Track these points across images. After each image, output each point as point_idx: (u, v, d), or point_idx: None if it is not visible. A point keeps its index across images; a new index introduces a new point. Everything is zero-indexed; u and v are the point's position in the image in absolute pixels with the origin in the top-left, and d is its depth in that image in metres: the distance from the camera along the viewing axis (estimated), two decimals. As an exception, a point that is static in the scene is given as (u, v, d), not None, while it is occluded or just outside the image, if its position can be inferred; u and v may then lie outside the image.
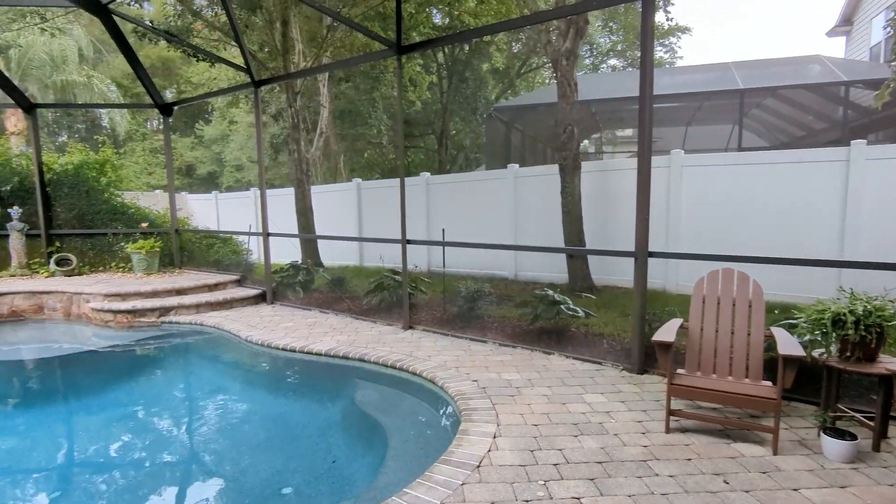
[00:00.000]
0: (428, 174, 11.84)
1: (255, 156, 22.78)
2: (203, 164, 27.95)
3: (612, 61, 25.14)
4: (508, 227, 10.34)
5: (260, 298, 8.17)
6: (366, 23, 10.88)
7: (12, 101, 8.93)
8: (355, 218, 13.07)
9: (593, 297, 7.66)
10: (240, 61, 8.24)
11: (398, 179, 6.27)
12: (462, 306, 6.64)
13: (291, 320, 7.06)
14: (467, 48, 17.62)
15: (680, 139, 16.21)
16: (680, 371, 3.82)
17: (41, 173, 9.02)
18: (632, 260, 4.78)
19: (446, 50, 17.83)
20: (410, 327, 6.47)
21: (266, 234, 7.95)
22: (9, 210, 8.71)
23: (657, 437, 3.51)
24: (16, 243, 8.76)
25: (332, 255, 12.23)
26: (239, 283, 8.65)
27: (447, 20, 14.19)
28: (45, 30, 11.85)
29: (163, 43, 10.48)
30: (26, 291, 7.65)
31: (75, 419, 4.98)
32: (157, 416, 4.93)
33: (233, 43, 10.87)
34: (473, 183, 11.64)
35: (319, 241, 10.99)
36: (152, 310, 7.22)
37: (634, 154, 18.38)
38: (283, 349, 5.84)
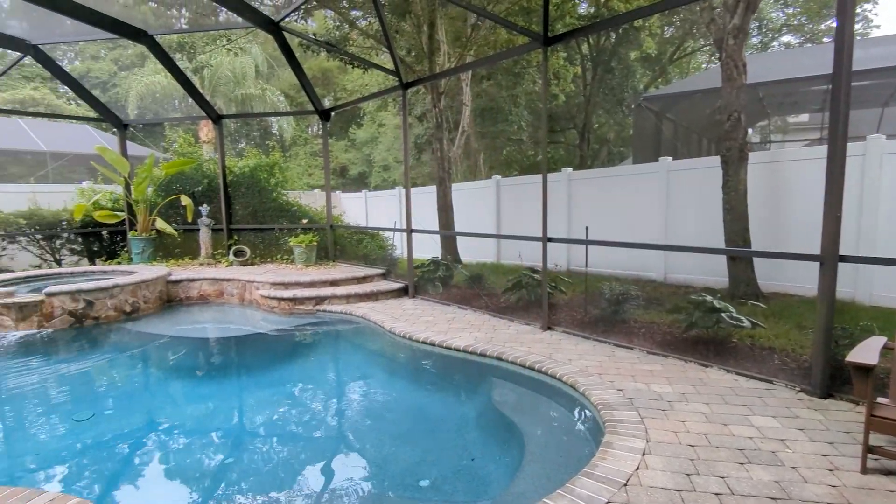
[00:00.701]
0: (570, 169, 11.44)
1: (401, 156, 24.04)
2: (355, 165, 30.18)
3: (786, 38, 22.13)
4: (658, 225, 9.58)
5: (402, 292, 8.53)
6: (509, 18, 10.81)
7: (204, 114, 10.39)
8: (493, 215, 13.11)
9: (761, 305, 6.75)
10: (390, 66, 8.68)
11: (537, 176, 6.10)
12: (605, 308, 6.26)
13: (431, 314, 7.25)
14: (614, 37, 16.72)
15: (872, 123, 13.71)
16: (882, 400, 3.16)
17: (224, 176, 10.37)
18: (810, 265, 4.09)
19: (591, 40, 17.10)
20: (549, 328, 6.26)
21: (409, 231, 8.27)
22: (199, 208, 10.15)
23: (850, 478, 2.93)
24: (204, 236, 10.19)
25: (471, 252, 12.40)
26: (384, 276, 9.12)
27: (592, 9, 13.57)
28: (230, 50, 13.63)
29: (323, 54, 11.47)
30: (211, 278, 8.85)
31: (244, 392, 5.61)
32: (311, 396, 5.35)
33: (384, 49, 11.52)
34: (619, 178, 10.99)
35: (458, 238, 11.20)
36: (310, 298, 7.90)
37: (810, 142, 15.91)
38: (424, 342, 6.00)
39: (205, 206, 10.17)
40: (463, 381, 5.48)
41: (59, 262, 10.70)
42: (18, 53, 8.82)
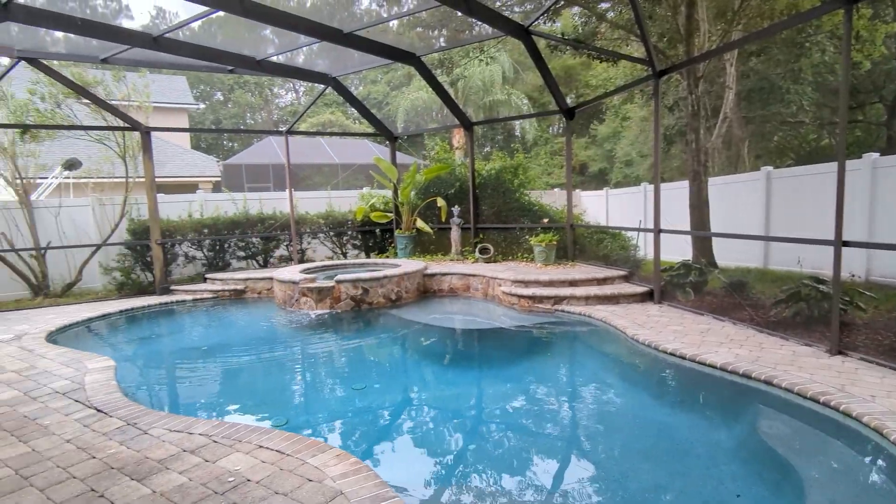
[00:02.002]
0: (875, 155, 9.10)
1: (645, 151, 22.51)
2: (595, 162, 29.44)
3: None
4: None
5: (646, 296, 7.95)
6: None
7: (458, 123, 11.34)
8: (761, 212, 11.25)
9: None
10: (639, 56, 8.13)
11: (822, 165, 4.96)
12: (931, 336, 4.78)
13: (681, 323, 6.57)
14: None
15: None
16: None
17: (473, 179, 11.17)
18: None
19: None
20: (840, 352, 5.06)
21: (657, 231, 7.64)
22: (451, 209, 11.13)
23: None
24: (454, 235, 11.15)
25: (729, 255, 10.88)
26: (626, 279, 8.64)
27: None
28: (482, 59, 14.61)
29: (567, 53, 11.44)
30: (459, 273, 9.62)
31: (484, 382, 5.92)
32: (546, 395, 5.36)
33: (633, 39, 10.91)
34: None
35: (714, 239, 9.93)
36: (548, 297, 7.95)
37: None
38: (671, 354, 5.47)
39: (456, 206, 11.12)
40: (717, 403, 4.82)
41: (344, 255, 12.98)
42: (323, 85, 10.95)
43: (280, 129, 12.56)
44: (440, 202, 11.02)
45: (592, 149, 29.75)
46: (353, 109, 40.94)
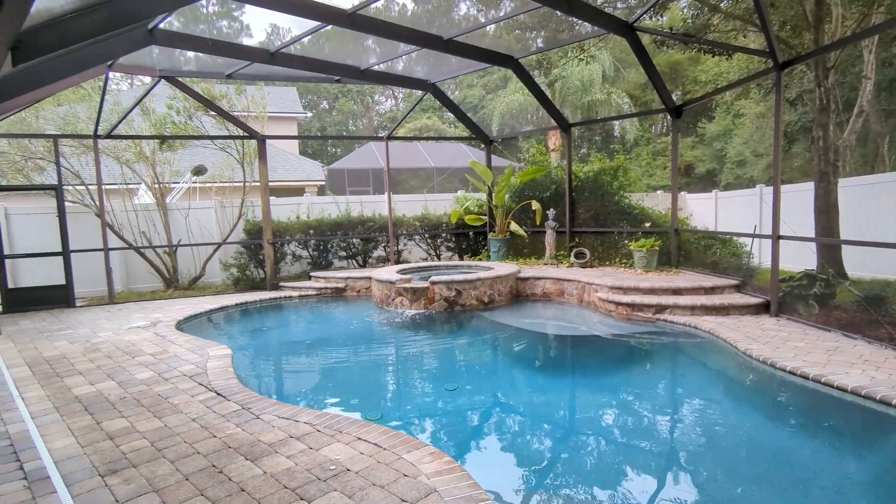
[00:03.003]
0: None
1: (761, 150, 20.67)
2: (702, 163, 27.58)
3: None
4: None
5: (761, 308, 7.29)
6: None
7: (556, 124, 11.14)
8: (903, 218, 9.89)
9: None
10: (758, 47, 7.49)
11: None
12: None
13: (802, 339, 5.95)
14: None
15: None
16: None
17: (570, 181, 10.90)
18: None
19: None
20: None
21: (776, 237, 6.99)
22: (546, 212, 10.95)
23: None
24: (549, 238, 10.95)
25: (863, 265, 9.69)
26: (737, 288, 7.99)
27: None
28: (583, 59, 14.23)
29: (671, 49, 10.80)
30: (554, 278, 9.43)
31: (576, 390, 5.74)
32: (645, 408, 5.08)
33: (751, 29, 10.08)
34: None
35: (844, 248, 8.90)
36: (649, 306, 7.56)
37: None
38: (791, 373, 4.97)
39: (551, 209, 10.92)
40: (847, 430, 4.32)
41: (438, 257, 13.22)
42: (422, 91, 11.25)
43: (380, 135, 13.06)
44: (535, 205, 10.87)
45: (699, 149, 27.91)
46: (449, 114, 41.69)
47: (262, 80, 11.52)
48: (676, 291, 7.84)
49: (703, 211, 16.65)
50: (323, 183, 21.32)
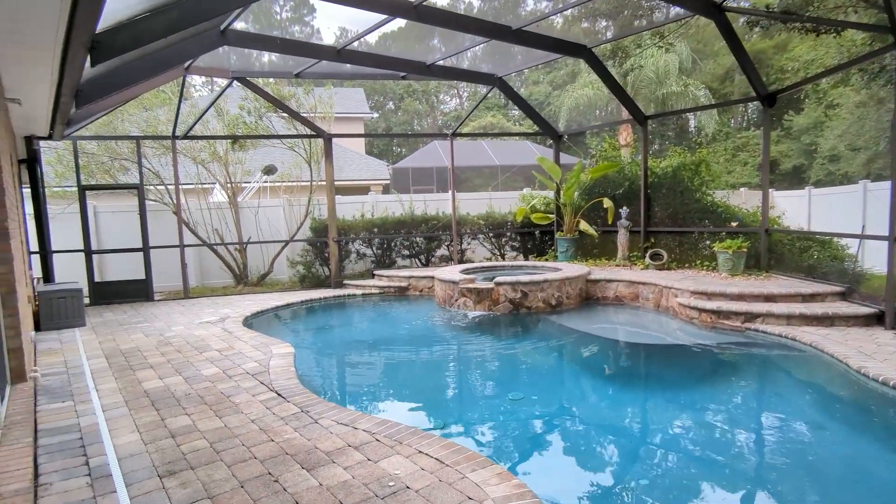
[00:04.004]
0: None
1: (858, 143, 18.73)
2: (788, 158, 25.49)
3: None
4: None
5: (873, 320, 6.42)
6: None
7: (630, 117, 10.47)
8: None
9: None
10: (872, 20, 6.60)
11: None
12: None
13: (929, 358, 5.13)
14: None
15: None
16: None
17: (646, 177, 10.21)
18: None
19: None
20: None
21: (894, 238, 6.10)
22: (619, 210, 10.31)
23: None
24: (622, 238, 10.30)
25: None
26: (842, 296, 7.10)
27: None
28: (661, 46, 13.36)
29: (755, 36, 9.83)
30: (627, 280, 8.83)
31: (652, 404, 5.22)
32: (736, 430, 4.52)
33: (859, 6, 9.01)
34: None
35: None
36: (737, 314, 6.86)
37: None
38: (920, 398, 4.25)
39: (624, 208, 10.28)
40: None
41: (502, 256, 12.84)
42: (488, 86, 10.93)
43: (445, 132, 12.87)
44: (607, 203, 10.27)
45: (785, 143, 25.81)
46: (514, 112, 41.00)
47: (328, 79, 11.61)
48: (769, 298, 7.06)
49: (795, 209, 15.26)
50: (388, 182, 21.45)
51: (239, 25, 7.93)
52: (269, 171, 15.15)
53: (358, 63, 8.90)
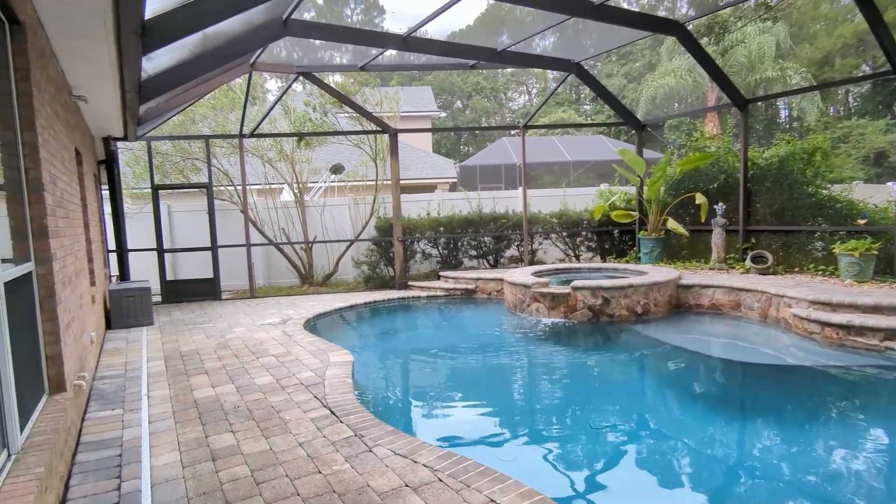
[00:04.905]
0: None
1: None
2: (902, 149, 22.59)
3: None
4: None
5: None
6: None
7: (720, 103, 9.27)
8: None
9: None
10: None
11: None
12: None
13: None
14: None
15: None
16: None
17: (746, 169, 8.99)
18: None
19: None
20: None
21: None
22: (714, 206, 9.14)
23: None
24: (717, 238, 9.13)
25: None
26: None
27: None
28: (767, 18, 11.89)
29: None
30: (726, 286, 7.72)
31: (761, 439, 4.24)
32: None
33: None
34: None
35: None
36: (874, 330, 5.67)
37: None
38: None
39: (720, 204, 9.09)
40: None
41: (577, 257, 11.92)
42: (563, 73, 10.09)
43: (518, 124, 12.13)
44: (699, 198, 9.11)
45: (894, 133, 22.89)
46: (585, 107, 39.36)
47: (395, 71, 11.21)
48: (915, 312, 5.80)
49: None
50: (455, 180, 20.93)
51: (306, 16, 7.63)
52: (337, 170, 15.02)
53: (425, 51, 8.36)
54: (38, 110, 3.60)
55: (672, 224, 9.41)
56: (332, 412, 4.14)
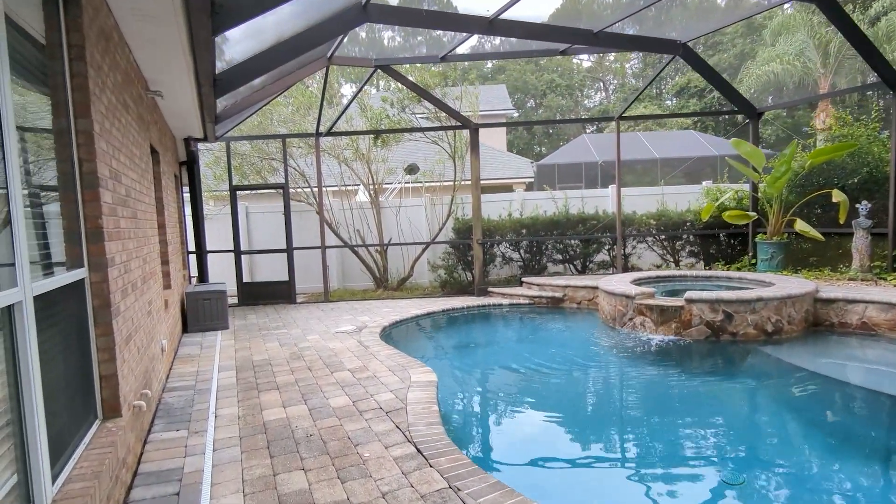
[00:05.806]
0: None
1: None
2: None
3: None
4: None
5: None
6: None
7: (879, 79, 7.78)
8: None
9: None
10: None
11: None
12: None
13: None
14: None
15: None
16: None
17: (897, 160, 7.49)
18: None
19: None
20: None
21: None
22: (857, 205, 7.69)
23: None
24: (860, 243, 7.67)
25: None
26: None
27: None
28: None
29: None
30: (882, 302, 6.34)
31: None
32: None
33: None
34: None
35: None
36: None
37: None
38: None
39: (864, 203, 7.63)
40: None
41: (676, 263, 10.67)
42: (668, 55, 8.96)
43: (611, 116, 11.06)
44: (837, 196, 7.69)
45: None
46: (669, 102, 36.86)
47: (476, 61, 10.51)
48: None
49: None
50: (531, 180, 19.95)
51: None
52: (412, 170, 14.54)
53: (511, 34, 7.61)
54: (95, 95, 3.15)
55: (801, 226, 8.03)
56: (418, 450, 3.45)
